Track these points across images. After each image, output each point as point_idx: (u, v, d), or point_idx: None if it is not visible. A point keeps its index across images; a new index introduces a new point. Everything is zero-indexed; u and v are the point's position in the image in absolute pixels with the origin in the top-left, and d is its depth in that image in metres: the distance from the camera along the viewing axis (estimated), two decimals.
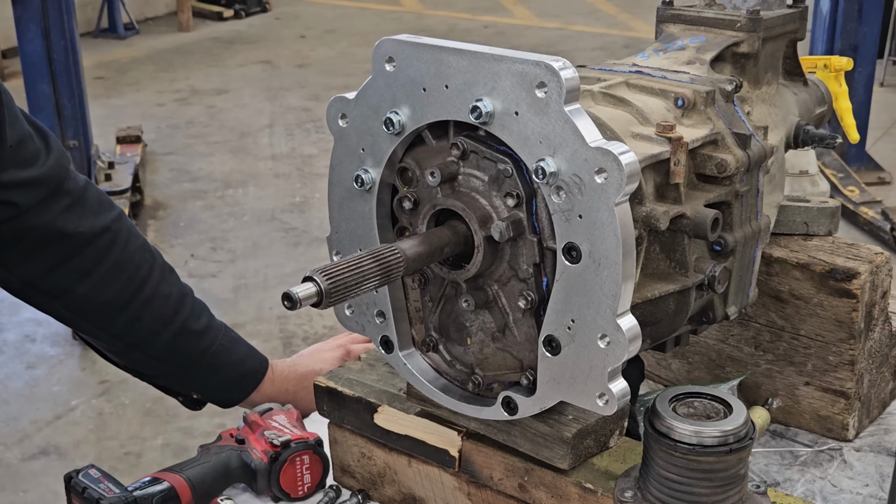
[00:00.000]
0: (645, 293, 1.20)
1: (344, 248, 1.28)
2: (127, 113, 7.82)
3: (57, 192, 1.56)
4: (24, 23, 5.53)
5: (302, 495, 1.46)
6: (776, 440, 1.54)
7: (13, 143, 1.49)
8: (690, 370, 1.63)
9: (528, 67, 1.04)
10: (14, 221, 1.53)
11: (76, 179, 1.61)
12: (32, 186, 1.53)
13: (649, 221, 1.17)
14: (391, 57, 1.15)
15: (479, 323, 1.22)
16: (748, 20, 1.41)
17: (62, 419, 4.11)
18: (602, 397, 1.10)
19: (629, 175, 1.01)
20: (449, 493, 1.37)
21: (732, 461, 1.11)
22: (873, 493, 1.42)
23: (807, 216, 1.53)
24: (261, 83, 8.81)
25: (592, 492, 1.22)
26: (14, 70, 8.20)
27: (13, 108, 1.51)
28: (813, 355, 1.50)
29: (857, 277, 1.43)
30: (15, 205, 1.52)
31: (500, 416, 1.21)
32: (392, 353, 1.29)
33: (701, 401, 1.16)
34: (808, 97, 1.60)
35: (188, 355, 1.68)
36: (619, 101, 1.27)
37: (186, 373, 1.70)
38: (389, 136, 1.18)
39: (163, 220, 6.02)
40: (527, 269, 1.14)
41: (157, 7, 11.34)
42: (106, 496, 1.37)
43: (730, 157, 1.24)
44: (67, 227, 1.57)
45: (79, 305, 1.62)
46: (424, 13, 11.60)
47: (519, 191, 1.10)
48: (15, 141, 1.50)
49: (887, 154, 6.68)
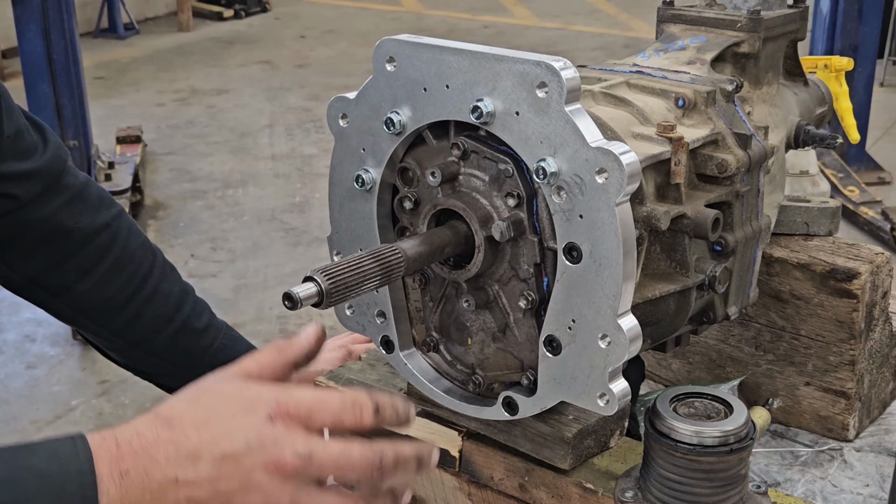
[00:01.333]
0: (645, 293, 1.20)
1: (344, 248, 1.28)
2: (127, 113, 7.83)
3: (56, 185, 1.57)
4: (24, 23, 5.53)
5: None
6: (776, 440, 1.54)
7: (10, 135, 1.50)
8: (691, 370, 1.63)
9: (528, 67, 1.04)
10: (14, 215, 1.54)
11: (76, 175, 1.61)
12: (31, 179, 1.54)
13: (650, 221, 1.17)
14: (392, 57, 1.15)
15: (479, 323, 1.22)
16: (749, 20, 1.41)
17: (62, 419, 4.11)
18: (603, 397, 1.10)
19: (630, 175, 1.01)
20: (449, 493, 1.37)
21: (733, 461, 1.11)
22: (874, 494, 1.42)
23: (807, 216, 1.53)
24: (261, 83, 8.82)
25: (593, 492, 1.22)
26: (14, 70, 8.20)
27: (9, 100, 1.51)
28: (813, 355, 1.50)
29: (858, 277, 1.43)
30: (15, 197, 1.52)
31: (500, 416, 1.21)
32: (392, 353, 1.29)
33: (701, 401, 1.16)
34: (809, 97, 1.60)
35: (189, 354, 1.68)
36: (619, 101, 1.27)
37: (187, 371, 1.70)
38: (390, 135, 1.18)
39: (163, 220, 6.02)
40: (527, 269, 1.14)
41: (157, 7, 11.35)
42: None
43: (730, 158, 1.24)
44: (67, 222, 1.58)
45: (80, 303, 1.62)
46: (424, 13, 11.60)
47: (520, 191, 1.10)
48: (12, 132, 1.50)
49: (887, 154, 6.69)
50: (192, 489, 0.95)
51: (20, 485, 0.92)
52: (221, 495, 0.95)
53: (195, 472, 0.95)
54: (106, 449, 0.95)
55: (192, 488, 0.95)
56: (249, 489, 0.95)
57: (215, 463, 0.95)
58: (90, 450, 0.95)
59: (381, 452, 0.99)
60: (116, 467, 0.94)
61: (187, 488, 0.95)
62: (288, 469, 0.95)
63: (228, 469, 0.95)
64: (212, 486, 0.95)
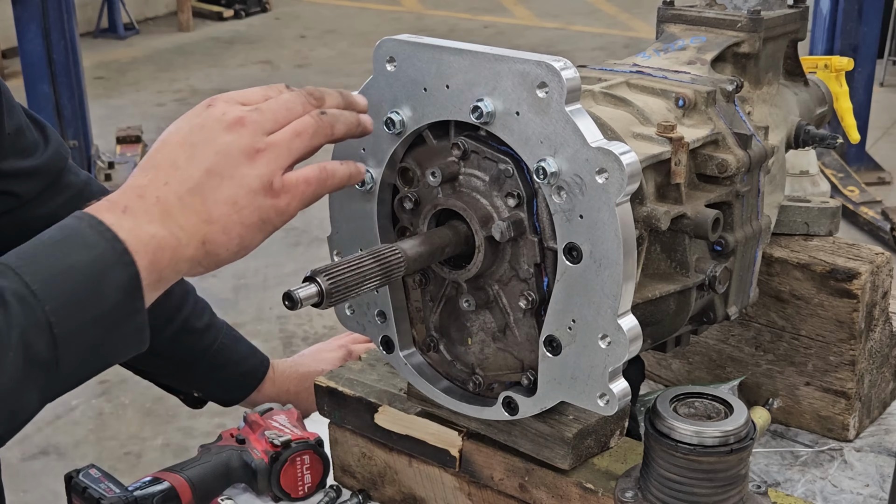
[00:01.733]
0: (646, 293, 1.20)
1: (345, 248, 1.28)
2: (127, 113, 7.83)
3: (56, 184, 1.57)
4: (24, 23, 5.54)
5: (302, 495, 1.46)
6: (777, 440, 1.54)
7: (11, 132, 1.50)
8: (691, 370, 1.63)
9: (529, 67, 1.04)
10: (14, 213, 1.54)
11: (77, 174, 1.61)
12: (32, 177, 1.54)
13: (650, 221, 1.17)
14: (392, 57, 1.15)
15: (479, 323, 1.22)
16: (749, 20, 1.41)
17: (62, 419, 4.11)
18: (603, 397, 1.10)
19: (630, 175, 1.01)
20: (449, 493, 1.37)
21: (733, 461, 1.11)
22: (874, 494, 1.42)
23: (807, 216, 1.53)
24: (261, 83, 8.77)
25: (593, 492, 1.22)
26: (14, 70, 8.20)
27: (10, 98, 1.51)
28: (813, 355, 1.50)
29: (858, 278, 1.43)
30: (15, 195, 1.52)
31: (500, 416, 1.21)
32: (393, 353, 1.29)
33: (702, 401, 1.16)
34: (809, 97, 1.60)
35: (190, 353, 1.68)
36: (619, 101, 1.27)
37: (188, 371, 1.71)
38: (390, 136, 1.18)
39: None
40: (528, 269, 1.14)
41: (157, 7, 11.35)
42: (106, 496, 1.37)
43: (731, 158, 1.24)
44: None
45: None
46: (424, 13, 11.60)
47: (520, 191, 1.10)
48: (12, 129, 1.51)
49: (887, 154, 6.68)
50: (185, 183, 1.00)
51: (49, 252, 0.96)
52: (210, 172, 1.00)
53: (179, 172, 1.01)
54: (100, 205, 1.00)
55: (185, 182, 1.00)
56: (228, 153, 1.01)
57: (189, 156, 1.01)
58: (87, 211, 0.99)
59: (304, 89, 1.08)
60: (116, 208, 0.99)
61: (180, 185, 1.00)
62: (246, 121, 1.02)
63: (201, 151, 1.01)
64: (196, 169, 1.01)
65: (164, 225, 0.99)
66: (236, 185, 1.00)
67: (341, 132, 1.08)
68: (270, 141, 1.02)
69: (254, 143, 1.02)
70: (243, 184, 1.01)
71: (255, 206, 1.02)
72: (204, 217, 1.00)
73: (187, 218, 1.00)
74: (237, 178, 1.00)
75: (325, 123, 1.06)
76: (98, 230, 0.96)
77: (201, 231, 1.00)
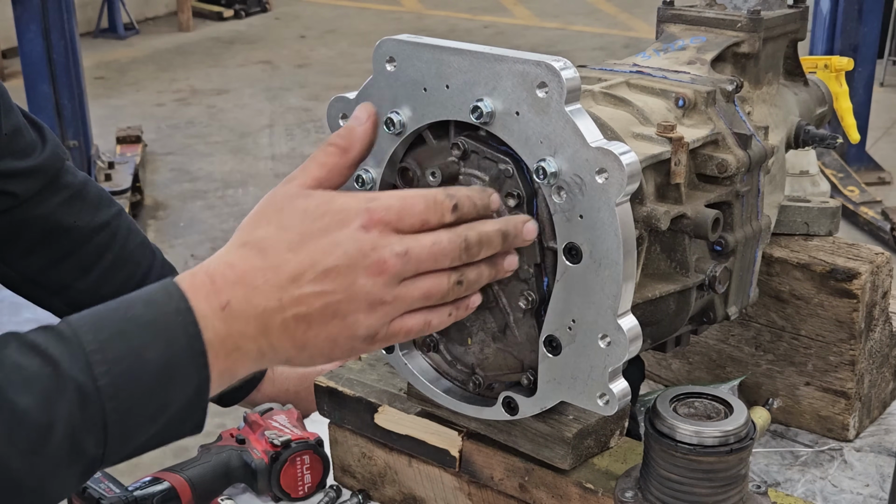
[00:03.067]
0: (645, 293, 1.20)
1: None
2: (127, 113, 7.83)
3: (54, 183, 1.57)
4: (24, 23, 5.54)
5: (302, 495, 1.46)
6: (776, 440, 1.54)
7: (8, 132, 1.50)
8: (691, 370, 1.63)
9: (529, 67, 1.04)
10: (12, 213, 1.54)
11: (74, 174, 1.62)
12: (29, 177, 1.54)
13: (650, 221, 1.17)
14: (392, 57, 1.15)
15: (479, 323, 1.22)
16: (749, 20, 1.41)
17: None
18: (603, 397, 1.10)
19: (630, 175, 1.01)
20: (449, 493, 1.37)
21: (733, 461, 1.11)
22: (874, 494, 1.42)
23: (807, 216, 1.53)
24: (261, 83, 8.82)
25: (593, 492, 1.22)
26: (14, 70, 8.20)
27: (8, 99, 1.52)
28: (813, 355, 1.50)
29: (858, 278, 1.43)
30: (13, 195, 1.53)
31: (500, 416, 1.21)
32: (392, 353, 1.29)
33: (701, 401, 1.16)
34: (809, 97, 1.60)
35: None
36: (619, 101, 1.27)
37: None
38: (390, 136, 1.18)
39: (163, 220, 6.02)
40: (527, 269, 1.14)
41: (157, 7, 11.35)
42: (106, 496, 1.37)
43: (730, 158, 1.24)
44: (66, 220, 1.58)
45: (79, 301, 1.62)
46: (424, 13, 11.60)
47: (520, 191, 1.10)
48: (10, 130, 1.51)
49: (887, 154, 6.69)
50: (298, 307, 0.93)
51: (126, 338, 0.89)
52: (328, 307, 0.93)
53: (299, 291, 0.93)
54: (199, 284, 0.93)
55: (298, 306, 0.93)
56: (355, 297, 0.94)
57: (318, 279, 0.93)
58: (182, 289, 0.92)
59: (465, 233, 0.98)
60: (216, 300, 0.92)
61: (293, 308, 0.93)
62: (389, 269, 0.94)
63: (332, 282, 0.93)
64: (317, 300, 0.93)
65: (256, 341, 0.93)
66: (344, 327, 0.95)
67: (464, 305, 1.03)
68: (398, 294, 0.95)
69: (383, 294, 0.94)
70: (351, 329, 0.95)
71: (350, 348, 0.97)
72: (299, 344, 0.95)
73: (282, 341, 0.94)
74: (348, 322, 0.94)
75: (455, 292, 0.99)
76: (184, 324, 0.90)
77: (289, 354, 0.96)
